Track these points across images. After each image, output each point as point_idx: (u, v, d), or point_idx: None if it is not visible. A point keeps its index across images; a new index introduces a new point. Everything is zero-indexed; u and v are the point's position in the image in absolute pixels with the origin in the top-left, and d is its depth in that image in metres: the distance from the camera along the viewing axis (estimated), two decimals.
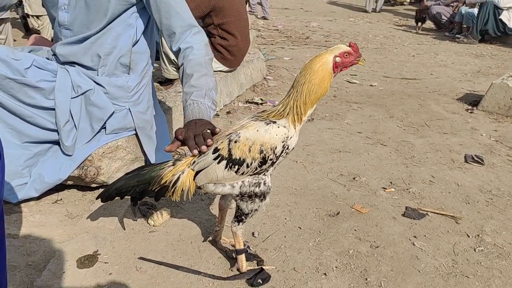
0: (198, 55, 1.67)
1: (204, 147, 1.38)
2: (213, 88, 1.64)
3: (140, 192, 1.44)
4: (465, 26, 7.99)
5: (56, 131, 1.76)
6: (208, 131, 1.43)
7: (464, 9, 8.05)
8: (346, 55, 1.34)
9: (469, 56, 6.32)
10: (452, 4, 8.67)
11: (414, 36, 8.16)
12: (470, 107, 3.71)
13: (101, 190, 1.96)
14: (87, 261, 1.56)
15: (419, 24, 8.72)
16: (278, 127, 1.35)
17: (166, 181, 1.41)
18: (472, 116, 3.52)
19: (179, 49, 1.70)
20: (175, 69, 3.37)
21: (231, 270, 1.57)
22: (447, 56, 6.23)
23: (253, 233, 1.79)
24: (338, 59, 1.33)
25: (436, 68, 5.40)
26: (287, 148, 1.38)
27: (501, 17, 7.20)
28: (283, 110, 1.36)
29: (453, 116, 3.52)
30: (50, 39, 5.02)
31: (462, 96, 4.09)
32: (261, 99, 3.61)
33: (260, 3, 9.14)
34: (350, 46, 1.36)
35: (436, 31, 8.82)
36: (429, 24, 9.06)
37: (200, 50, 1.69)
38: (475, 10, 7.74)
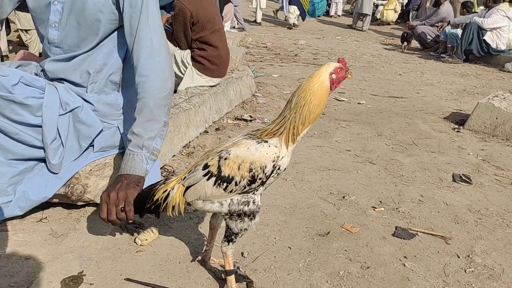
0: (149, 92, 1.63)
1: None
2: (158, 135, 1.64)
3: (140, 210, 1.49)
4: (449, 46, 8.14)
5: (43, 148, 1.72)
6: (122, 211, 1.52)
7: (448, 29, 8.21)
8: (339, 71, 1.36)
9: (454, 76, 6.42)
10: (437, 24, 8.84)
11: (400, 55, 8.29)
12: (456, 126, 3.76)
13: (87, 208, 1.93)
14: (72, 282, 1.51)
15: (405, 44, 8.86)
16: (269, 146, 1.35)
17: (158, 198, 1.43)
18: (459, 135, 3.56)
19: (137, 81, 1.67)
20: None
21: None
22: (433, 75, 6.32)
23: (242, 253, 1.76)
24: (334, 75, 1.35)
25: (423, 86, 5.47)
26: (278, 169, 1.37)
27: (485, 37, 7.36)
28: (277, 130, 1.36)
29: (440, 135, 3.55)
30: (38, 54, 4.98)
31: (449, 115, 4.14)
32: (250, 116, 3.61)
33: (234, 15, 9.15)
34: (339, 61, 1.38)
35: (422, 50, 8.98)
36: (414, 43, 9.22)
37: (154, 82, 1.64)
38: (459, 31, 7.90)
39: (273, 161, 1.34)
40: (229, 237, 1.45)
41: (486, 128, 3.57)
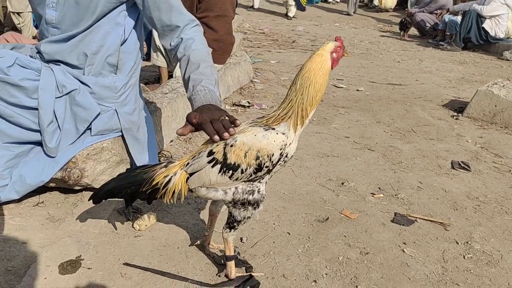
0: (201, 46, 1.65)
1: (226, 134, 1.28)
2: (217, 82, 1.56)
3: (131, 194, 1.41)
4: (448, 33, 8.08)
5: (39, 131, 1.70)
6: (227, 118, 1.32)
7: (447, 17, 8.15)
8: (339, 49, 1.38)
9: (453, 63, 6.39)
10: (436, 12, 8.76)
11: (398, 42, 8.23)
12: (455, 114, 3.74)
13: (84, 192, 1.92)
14: (70, 266, 1.50)
15: (402, 32, 8.79)
16: (277, 133, 1.32)
17: (157, 182, 1.38)
18: (457, 122, 3.55)
19: (181, 40, 1.66)
20: (162, 56, 3.34)
21: (219, 276, 1.53)
22: (432, 63, 6.29)
23: (241, 239, 1.75)
24: (334, 54, 1.36)
25: (421, 74, 5.45)
26: (286, 156, 1.35)
27: (483, 25, 7.30)
28: (285, 114, 1.34)
29: (439, 122, 3.54)
30: (31, 37, 4.90)
31: (447, 102, 4.12)
32: (248, 102, 3.58)
33: None
34: (336, 40, 1.40)
35: (420, 37, 8.92)
36: (413, 30, 9.15)
37: (202, 43, 1.67)
38: (458, 18, 7.84)
39: (281, 149, 1.32)
40: (231, 224, 1.43)
41: (485, 115, 3.56)
